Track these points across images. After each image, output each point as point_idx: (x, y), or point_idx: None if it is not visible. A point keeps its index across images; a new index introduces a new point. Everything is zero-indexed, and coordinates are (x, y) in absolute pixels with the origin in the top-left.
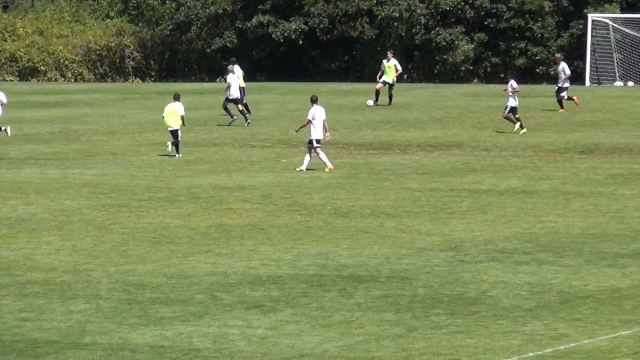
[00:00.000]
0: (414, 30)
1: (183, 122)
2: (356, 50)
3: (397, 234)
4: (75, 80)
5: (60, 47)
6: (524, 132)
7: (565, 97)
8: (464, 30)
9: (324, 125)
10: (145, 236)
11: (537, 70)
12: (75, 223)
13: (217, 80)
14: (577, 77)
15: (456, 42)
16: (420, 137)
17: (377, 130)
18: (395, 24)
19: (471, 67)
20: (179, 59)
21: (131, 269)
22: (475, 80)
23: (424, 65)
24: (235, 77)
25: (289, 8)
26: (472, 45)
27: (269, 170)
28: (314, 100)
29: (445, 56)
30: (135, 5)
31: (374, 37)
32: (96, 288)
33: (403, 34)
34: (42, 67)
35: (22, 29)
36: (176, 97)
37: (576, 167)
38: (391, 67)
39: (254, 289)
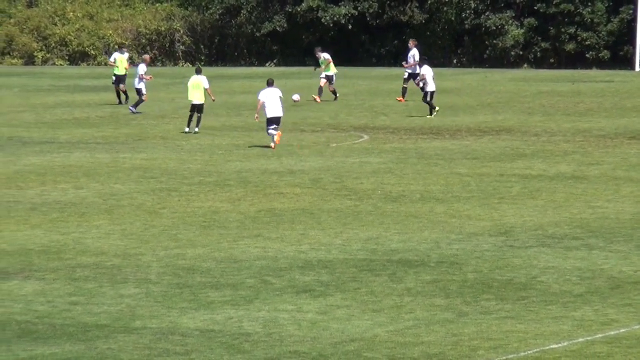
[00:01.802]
0: (463, 15)
1: (210, 94)
2: (406, 34)
3: (447, 219)
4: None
5: (110, 31)
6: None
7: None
8: (513, 15)
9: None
10: (195, 220)
11: (587, 55)
12: (125, 207)
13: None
14: (626, 62)
15: (506, 26)
16: (470, 122)
17: (426, 115)
18: (445, 8)
19: (521, 52)
20: (229, 43)
21: (181, 253)
22: (525, 65)
23: (473, 50)
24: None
25: None
26: (522, 30)
27: (319, 154)
28: (269, 83)
29: (495, 41)
30: None
31: (423, 21)
32: (146, 272)
33: (453, 18)
34: (92, 52)
35: (72, 13)
36: (198, 71)
37: (626, 153)
38: (325, 63)
39: (304, 274)
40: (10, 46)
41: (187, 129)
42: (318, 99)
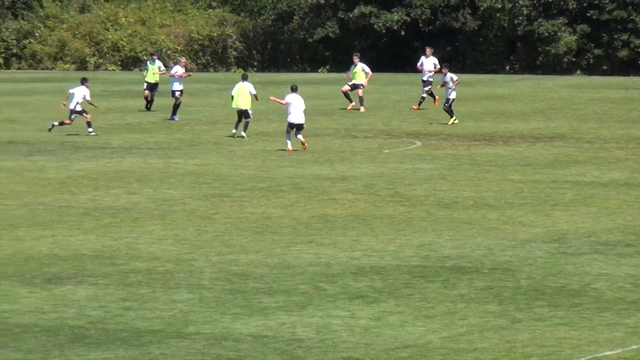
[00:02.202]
0: (516, 22)
1: (256, 98)
2: (458, 41)
3: (500, 226)
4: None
5: (163, 37)
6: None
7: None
8: (566, 21)
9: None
10: (247, 226)
11: None
12: (177, 212)
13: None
14: None
15: (559, 33)
16: (523, 129)
17: (479, 121)
18: (498, 15)
19: (574, 59)
20: (281, 49)
21: (234, 259)
22: (578, 72)
23: (526, 57)
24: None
25: None
26: (575, 37)
27: (372, 160)
28: (293, 89)
29: (547, 47)
30: None
31: (476, 28)
32: (199, 278)
33: (505, 25)
34: (144, 57)
35: (124, 19)
36: (245, 77)
37: None
38: (358, 72)
39: (357, 280)
40: (63, 51)
41: (234, 130)
42: (362, 109)
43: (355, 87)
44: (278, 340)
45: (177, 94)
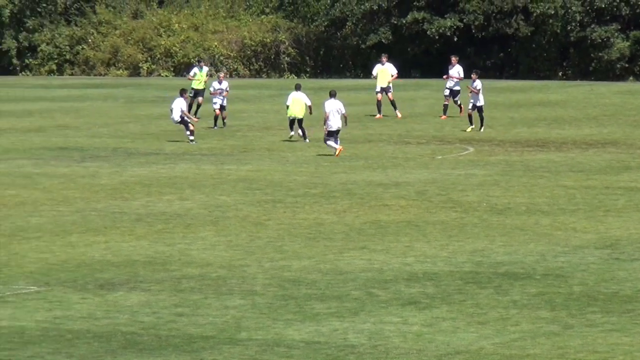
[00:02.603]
0: (569, 28)
1: (310, 111)
2: (511, 47)
3: (553, 232)
4: (230, 75)
5: (215, 43)
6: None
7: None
8: (619, 27)
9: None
10: (300, 232)
11: None
12: (230, 218)
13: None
14: None
15: (611, 39)
16: (576, 135)
17: (532, 127)
18: (551, 21)
19: (627, 65)
20: (334, 55)
21: (286, 265)
22: (631, 78)
23: (579, 63)
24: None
25: (444, 4)
26: (628, 43)
27: (424, 166)
28: (332, 95)
29: (600, 53)
30: (291, 1)
31: (529, 34)
32: (251, 284)
33: (558, 31)
34: (197, 63)
35: (177, 25)
36: (298, 87)
37: None
38: (385, 71)
39: (410, 286)
40: (116, 57)
41: (292, 133)
42: (398, 115)
43: (384, 90)
44: (330, 347)
45: (215, 106)
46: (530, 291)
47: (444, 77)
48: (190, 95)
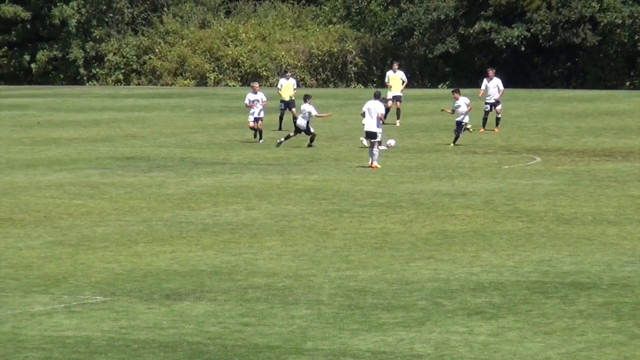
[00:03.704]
0: (636, 37)
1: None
2: (578, 56)
3: (619, 241)
4: (297, 85)
5: (283, 53)
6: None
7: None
8: None
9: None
10: (366, 242)
11: None
12: (297, 228)
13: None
14: None
15: None
16: None
17: (599, 137)
18: (618, 30)
19: None
20: (401, 65)
21: (353, 275)
22: None
23: None
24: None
25: (511, 14)
26: None
27: (491, 176)
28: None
29: None
30: (358, 11)
31: (596, 43)
32: (318, 293)
33: (625, 40)
34: (264, 73)
35: (244, 35)
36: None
37: None
38: (397, 79)
39: (476, 296)
40: (183, 67)
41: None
42: (398, 124)
43: (396, 98)
44: (396, 356)
45: (250, 118)
46: (597, 301)
47: (479, 95)
48: (281, 107)
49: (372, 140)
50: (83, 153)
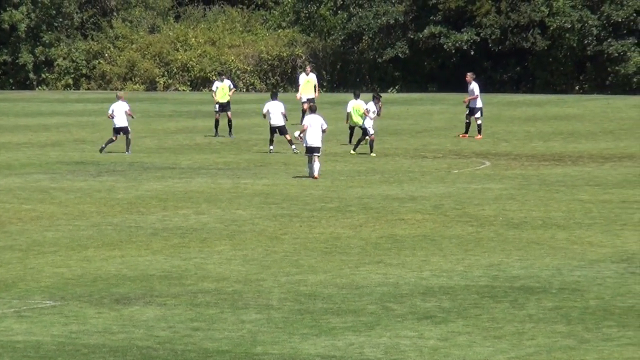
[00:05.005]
0: (585, 42)
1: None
2: (528, 61)
3: (569, 246)
4: (247, 90)
5: (232, 57)
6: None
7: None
8: (635, 41)
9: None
10: (316, 246)
11: None
12: (246, 233)
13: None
14: None
15: (628, 53)
16: (592, 149)
17: (548, 141)
18: (567, 35)
19: None
20: (351, 69)
21: (302, 279)
22: None
23: (595, 77)
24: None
25: (461, 19)
26: None
27: (440, 181)
28: (312, 110)
29: (617, 67)
30: (307, 15)
31: (545, 48)
32: (267, 298)
33: (575, 45)
34: (213, 77)
35: (194, 39)
36: (357, 96)
37: None
38: (310, 81)
39: (426, 300)
40: (132, 72)
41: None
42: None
43: (310, 100)
44: None
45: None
46: (546, 305)
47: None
48: (216, 110)
49: (313, 155)
50: (32, 158)
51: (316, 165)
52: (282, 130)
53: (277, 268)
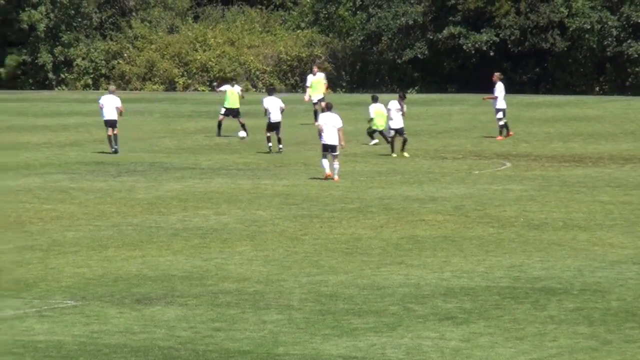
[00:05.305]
0: (605, 43)
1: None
2: (547, 62)
3: (590, 247)
4: (267, 90)
5: (251, 58)
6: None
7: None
8: None
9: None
10: (337, 247)
11: None
12: (267, 233)
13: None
14: None
15: None
16: (612, 150)
17: (568, 142)
18: (587, 36)
19: None
20: (370, 70)
21: (323, 280)
22: None
23: (615, 78)
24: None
25: (480, 19)
26: None
27: (461, 182)
28: (329, 108)
29: (637, 69)
30: (326, 16)
31: (565, 49)
32: (288, 298)
33: (594, 46)
34: (232, 77)
35: (212, 39)
36: (375, 99)
37: None
38: (319, 81)
39: (447, 301)
40: (152, 72)
41: (375, 141)
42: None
43: (320, 100)
44: None
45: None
46: (568, 306)
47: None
48: (221, 113)
49: (331, 154)
50: (52, 158)
51: (336, 166)
52: (278, 127)
53: (298, 269)
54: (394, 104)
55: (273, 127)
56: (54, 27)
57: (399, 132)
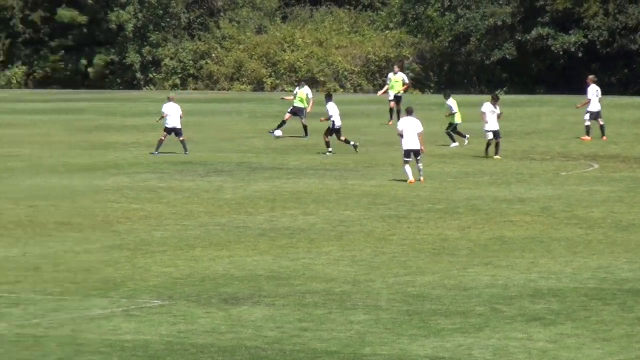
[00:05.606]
0: None
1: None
2: (636, 63)
3: None
4: (355, 91)
5: (340, 58)
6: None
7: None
8: None
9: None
10: (424, 248)
11: None
12: (355, 234)
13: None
14: None
15: None
16: None
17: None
18: None
19: None
20: (458, 71)
21: (411, 281)
22: None
23: None
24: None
25: (568, 21)
26: None
27: (549, 183)
28: (409, 112)
29: None
30: (415, 17)
31: None
32: (376, 299)
33: None
34: (321, 78)
35: (301, 40)
36: (448, 95)
37: None
38: (399, 81)
39: (535, 302)
40: (240, 72)
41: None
42: (390, 123)
43: (398, 99)
44: None
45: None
46: None
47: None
48: (289, 111)
49: (415, 158)
50: (140, 157)
51: (420, 167)
52: (340, 131)
53: (386, 269)
54: (488, 106)
55: (336, 131)
56: (142, 27)
57: (495, 135)
